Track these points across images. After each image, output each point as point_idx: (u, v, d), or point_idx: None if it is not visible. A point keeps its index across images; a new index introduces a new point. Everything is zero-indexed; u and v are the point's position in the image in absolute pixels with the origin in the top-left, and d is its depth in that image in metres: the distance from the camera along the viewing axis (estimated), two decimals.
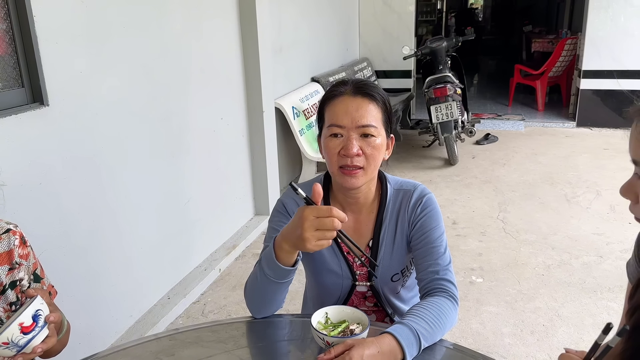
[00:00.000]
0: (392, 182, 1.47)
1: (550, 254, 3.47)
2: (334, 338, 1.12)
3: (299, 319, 1.35)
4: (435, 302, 1.28)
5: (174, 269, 3.08)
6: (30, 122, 2.04)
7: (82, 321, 2.22)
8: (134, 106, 2.63)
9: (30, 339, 1.03)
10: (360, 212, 1.45)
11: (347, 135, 1.31)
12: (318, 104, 1.42)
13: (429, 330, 1.19)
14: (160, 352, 1.23)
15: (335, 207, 1.42)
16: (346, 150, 1.30)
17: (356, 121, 1.30)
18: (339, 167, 1.33)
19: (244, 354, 1.22)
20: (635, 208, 0.93)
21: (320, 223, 1.11)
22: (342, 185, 1.36)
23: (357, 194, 1.40)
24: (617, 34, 6.20)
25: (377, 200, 1.46)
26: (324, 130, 1.36)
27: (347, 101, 1.32)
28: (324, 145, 1.35)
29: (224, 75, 3.51)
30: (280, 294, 1.30)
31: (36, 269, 1.28)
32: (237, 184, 3.80)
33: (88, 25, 2.31)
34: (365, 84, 1.36)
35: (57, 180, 2.18)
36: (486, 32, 15.78)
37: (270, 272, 1.24)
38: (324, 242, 1.13)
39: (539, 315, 2.82)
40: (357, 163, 1.31)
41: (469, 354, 1.22)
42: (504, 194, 4.54)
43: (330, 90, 1.38)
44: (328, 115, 1.35)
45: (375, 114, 1.32)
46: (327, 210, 1.12)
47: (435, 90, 5.14)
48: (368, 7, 6.71)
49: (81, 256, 2.33)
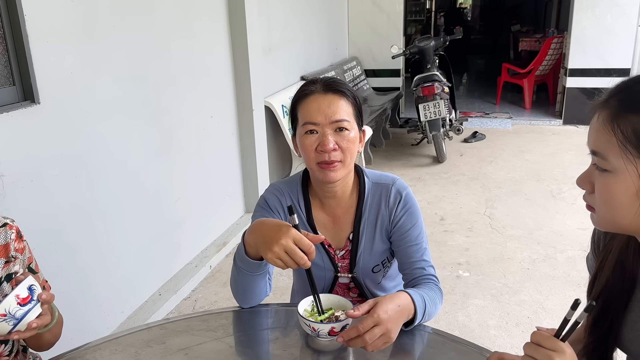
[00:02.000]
0: (370, 176, 1.51)
1: (536, 249, 3.53)
2: (320, 324, 1.17)
3: (284, 308, 1.39)
4: (431, 287, 1.38)
5: (164, 265, 3.12)
6: (21, 120, 2.07)
7: (74, 317, 2.25)
8: (124, 104, 2.66)
9: (26, 312, 1.05)
10: (339, 206, 1.50)
11: (322, 131, 1.35)
12: (291, 103, 1.46)
13: (430, 306, 1.28)
14: (151, 340, 1.26)
15: (315, 203, 1.48)
16: (323, 146, 1.34)
17: (330, 117, 1.35)
18: (317, 163, 1.37)
19: (232, 341, 1.26)
20: (589, 197, 0.98)
21: (293, 251, 1.12)
22: (322, 180, 1.40)
23: (335, 188, 1.44)
24: (603, 33, 6.30)
25: (355, 193, 1.50)
26: (299, 129, 1.40)
27: (319, 99, 1.36)
28: (301, 143, 1.39)
29: (214, 74, 3.55)
30: (257, 285, 1.33)
31: (31, 263, 1.31)
32: (227, 181, 3.84)
33: (79, 25, 2.34)
34: (334, 81, 1.41)
35: (49, 177, 2.21)
36: (475, 31, 15.89)
37: (242, 265, 1.29)
38: (280, 263, 1.14)
39: (524, 308, 2.89)
40: (335, 158, 1.35)
41: (449, 337, 1.27)
42: (491, 190, 4.61)
43: (301, 90, 1.41)
44: (301, 114, 1.39)
45: (346, 109, 1.37)
46: (307, 245, 1.13)
47: (423, 88, 5.20)
48: (357, 6, 6.76)
49: (72, 252, 2.36)
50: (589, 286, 1.16)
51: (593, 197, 0.95)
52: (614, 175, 0.89)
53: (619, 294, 1.07)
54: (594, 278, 1.14)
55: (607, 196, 0.91)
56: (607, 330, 1.09)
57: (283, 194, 1.50)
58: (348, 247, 1.50)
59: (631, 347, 1.07)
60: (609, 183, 0.90)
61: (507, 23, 11.95)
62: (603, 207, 0.93)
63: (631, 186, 0.88)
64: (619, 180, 0.89)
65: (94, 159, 2.46)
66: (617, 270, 1.07)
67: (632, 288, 1.06)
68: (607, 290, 1.09)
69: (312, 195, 1.51)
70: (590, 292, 1.16)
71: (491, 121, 6.98)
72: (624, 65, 6.32)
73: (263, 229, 1.18)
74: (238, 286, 1.35)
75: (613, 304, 1.08)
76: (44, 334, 1.22)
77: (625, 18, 6.20)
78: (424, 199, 4.48)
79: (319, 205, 1.51)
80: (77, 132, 2.36)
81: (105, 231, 2.57)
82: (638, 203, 0.89)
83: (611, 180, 0.90)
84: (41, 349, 1.34)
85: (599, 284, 1.12)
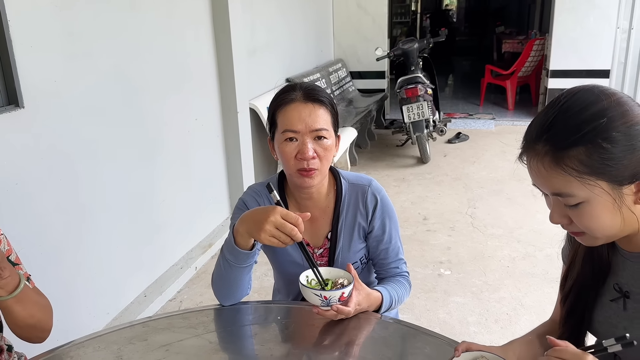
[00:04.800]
0: (346, 177, 1.58)
1: (516, 247, 3.61)
2: (331, 292, 1.24)
3: (263, 305, 1.44)
4: (401, 283, 1.58)
5: (150, 267, 3.15)
6: (5, 124, 2.09)
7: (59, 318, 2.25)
8: (108, 108, 2.69)
9: None
10: (316, 207, 1.55)
11: (302, 140, 1.40)
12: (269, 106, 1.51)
13: (395, 302, 1.50)
14: (134, 337, 1.30)
15: (291, 203, 1.54)
16: (302, 154, 1.39)
17: (310, 126, 1.40)
18: (297, 170, 1.42)
19: (212, 337, 1.30)
20: (570, 227, 1.02)
21: (282, 224, 1.20)
22: (300, 186, 1.47)
23: (310, 190, 1.50)
24: (583, 35, 6.42)
25: (332, 194, 1.56)
26: (278, 135, 1.44)
27: (300, 107, 1.41)
28: (280, 149, 1.44)
29: (198, 77, 3.58)
30: (242, 278, 1.38)
31: (10, 255, 1.34)
32: (212, 183, 3.87)
33: (62, 30, 2.37)
34: (313, 90, 1.45)
35: (33, 181, 2.24)
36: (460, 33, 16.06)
37: (230, 257, 1.34)
38: (275, 240, 1.22)
39: (503, 305, 2.96)
40: (313, 166, 1.41)
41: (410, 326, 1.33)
42: (473, 190, 4.69)
43: (282, 97, 1.45)
44: (281, 121, 1.43)
45: (325, 118, 1.43)
46: (294, 218, 1.21)
47: (407, 90, 5.28)
48: (342, 9, 6.83)
49: (57, 254, 2.39)
50: (563, 278, 1.23)
51: (574, 226, 1.00)
52: (587, 204, 0.95)
53: (590, 283, 1.13)
54: (568, 270, 1.21)
55: (593, 221, 0.96)
56: (580, 318, 1.16)
57: (260, 196, 1.56)
58: (326, 245, 1.56)
59: (600, 328, 1.13)
60: (587, 212, 0.96)
61: (492, 25, 12.09)
62: (593, 231, 0.98)
63: (607, 204, 0.94)
64: (593, 205, 0.95)
65: (77, 162, 2.49)
66: (587, 262, 1.14)
67: (605, 276, 1.12)
68: (580, 280, 1.16)
69: (288, 197, 1.57)
70: (563, 283, 1.22)
71: (475, 122, 7.07)
72: (604, 66, 6.45)
73: (252, 214, 1.27)
74: (223, 280, 1.40)
75: (586, 293, 1.14)
76: (13, 306, 1.23)
77: (604, 20, 6.33)
78: (407, 199, 4.55)
79: (295, 206, 1.56)
80: (61, 136, 2.38)
81: (89, 233, 2.60)
82: (618, 214, 0.95)
83: (587, 209, 0.95)
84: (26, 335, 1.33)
85: (572, 276, 1.18)
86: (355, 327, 1.33)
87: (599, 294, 1.13)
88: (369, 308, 1.39)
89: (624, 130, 0.91)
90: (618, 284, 1.09)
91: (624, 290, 1.08)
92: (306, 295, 1.28)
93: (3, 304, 1.22)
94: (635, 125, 0.92)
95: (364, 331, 1.35)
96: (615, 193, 0.93)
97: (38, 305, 1.32)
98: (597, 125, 0.91)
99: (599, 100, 0.93)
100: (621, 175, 0.92)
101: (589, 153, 0.91)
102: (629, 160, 0.91)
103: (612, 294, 1.10)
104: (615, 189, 0.93)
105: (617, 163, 0.91)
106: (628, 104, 0.94)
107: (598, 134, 0.91)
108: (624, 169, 0.92)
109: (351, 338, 1.32)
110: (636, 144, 0.91)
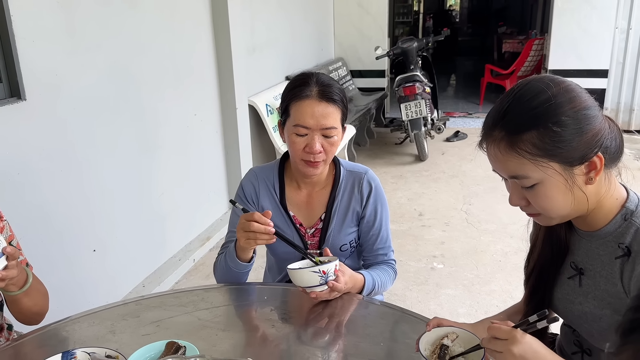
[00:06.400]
0: (344, 165, 1.68)
1: (509, 242, 3.67)
2: (327, 265, 1.34)
3: (252, 286, 1.51)
4: (385, 270, 1.67)
5: (148, 258, 3.22)
6: (8, 116, 2.17)
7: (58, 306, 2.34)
8: (108, 101, 2.76)
9: None
10: (314, 188, 1.65)
11: (312, 135, 1.49)
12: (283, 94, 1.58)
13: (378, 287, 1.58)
14: (126, 314, 1.38)
15: (291, 184, 1.64)
16: (310, 149, 1.49)
17: (321, 124, 1.49)
18: (302, 160, 1.52)
19: (201, 315, 1.37)
20: (527, 209, 1.09)
21: (247, 225, 1.36)
22: (303, 174, 1.57)
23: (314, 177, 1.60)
24: (581, 35, 6.45)
25: (330, 177, 1.65)
26: (289, 126, 1.52)
27: (314, 105, 1.49)
28: (290, 139, 1.53)
29: (198, 73, 3.65)
30: (242, 278, 1.53)
31: (12, 241, 1.41)
32: (211, 178, 3.94)
33: (64, 24, 2.44)
34: (328, 87, 1.51)
35: (35, 171, 2.31)
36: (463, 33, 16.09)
37: (231, 264, 1.49)
38: (252, 241, 1.38)
39: (494, 297, 3.02)
40: (319, 159, 1.51)
41: (395, 308, 1.40)
42: (469, 187, 4.75)
43: (297, 90, 1.51)
44: (294, 114, 1.51)
45: (336, 116, 1.52)
46: (257, 216, 1.36)
47: (405, 88, 5.34)
48: (342, 8, 6.89)
49: (58, 243, 2.46)
50: (526, 259, 1.30)
51: (531, 207, 1.08)
52: (542, 185, 1.02)
53: (550, 263, 1.20)
54: (530, 251, 1.28)
55: (547, 201, 1.04)
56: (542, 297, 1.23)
57: (257, 179, 1.66)
58: (318, 226, 1.65)
59: (559, 305, 1.20)
60: (542, 192, 1.03)
61: (494, 25, 12.14)
62: (547, 211, 1.06)
63: (559, 184, 1.02)
64: (547, 185, 1.02)
65: (78, 153, 2.56)
66: (547, 243, 1.21)
67: (563, 255, 1.19)
68: (541, 261, 1.23)
69: (288, 177, 1.66)
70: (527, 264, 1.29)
71: (474, 121, 7.13)
72: (602, 66, 6.49)
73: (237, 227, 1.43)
74: (224, 277, 1.56)
75: (546, 272, 1.21)
76: (22, 299, 1.31)
77: (603, 20, 6.36)
78: (404, 195, 4.61)
79: (295, 186, 1.66)
80: (62, 128, 2.46)
81: (90, 223, 2.67)
82: (570, 194, 1.02)
83: (542, 189, 1.03)
84: (26, 320, 1.42)
85: (534, 257, 1.25)
86: (342, 308, 1.41)
87: (559, 273, 1.19)
88: (352, 289, 1.47)
89: (572, 114, 0.98)
90: (574, 262, 1.16)
91: (579, 268, 1.14)
92: (301, 279, 1.34)
93: (12, 297, 1.30)
94: (583, 110, 0.99)
95: (350, 312, 1.42)
96: (566, 174, 1.00)
97: (40, 294, 1.41)
98: (548, 110, 0.98)
99: (549, 87, 1.01)
100: (571, 157, 0.99)
101: (541, 136, 0.98)
102: (578, 143, 0.99)
103: (569, 272, 1.17)
104: (567, 170, 1.00)
105: (567, 145, 0.98)
106: (576, 91, 1.01)
107: (548, 118, 0.98)
108: (573, 151, 0.99)
109: (339, 318, 1.39)
110: (584, 127, 0.99)
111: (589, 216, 1.08)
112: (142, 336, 1.26)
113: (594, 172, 1.01)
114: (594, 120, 1.00)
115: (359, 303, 1.45)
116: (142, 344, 1.19)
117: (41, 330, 1.33)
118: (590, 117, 1.00)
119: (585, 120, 0.99)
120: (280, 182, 1.64)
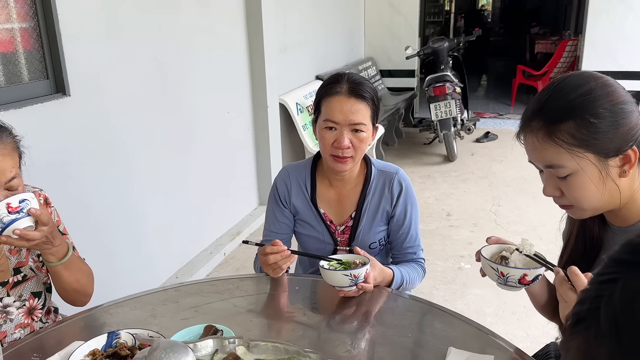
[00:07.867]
0: (376, 164, 1.72)
1: (538, 244, 3.59)
2: (359, 269, 1.37)
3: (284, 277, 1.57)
4: (415, 267, 1.70)
5: (182, 251, 3.32)
6: (54, 111, 2.28)
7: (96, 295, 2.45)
8: (146, 98, 2.86)
9: (13, 220, 1.19)
10: (345, 186, 1.70)
11: (340, 130, 1.55)
12: (316, 92, 1.66)
13: (407, 282, 1.62)
14: (166, 299, 1.45)
15: (323, 181, 1.70)
16: (339, 143, 1.54)
17: (349, 120, 1.54)
18: (331, 155, 1.57)
19: (237, 302, 1.44)
20: (560, 200, 1.13)
21: (265, 260, 1.47)
22: (333, 169, 1.62)
23: (343, 173, 1.64)
24: (616, 36, 6.35)
25: (361, 176, 1.70)
26: (320, 122, 1.59)
27: (343, 101, 1.54)
28: (320, 134, 1.59)
29: (231, 72, 3.74)
30: None
31: (59, 225, 1.50)
32: (242, 174, 4.03)
33: (107, 24, 2.55)
34: (359, 84, 1.57)
35: (77, 164, 2.42)
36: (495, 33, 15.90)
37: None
38: (278, 270, 1.50)
39: (521, 298, 2.99)
40: (347, 154, 1.56)
41: (423, 302, 1.44)
42: (498, 188, 4.73)
43: (328, 88, 1.59)
44: (325, 110, 1.57)
45: (364, 113, 1.56)
46: (262, 250, 1.49)
47: (435, 88, 5.34)
48: (373, 8, 6.91)
49: (96, 233, 2.57)
50: (560, 255, 1.33)
51: (565, 198, 1.11)
52: (576, 175, 1.06)
53: (582, 259, 1.23)
54: (564, 247, 1.31)
55: (581, 192, 1.07)
56: None
57: (289, 178, 1.72)
58: (349, 224, 1.69)
59: None
60: (576, 182, 1.07)
61: (527, 25, 11.99)
62: (580, 201, 1.09)
63: (593, 174, 1.05)
64: (582, 176, 1.06)
65: (117, 148, 2.67)
66: (580, 238, 1.24)
67: (596, 251, 1.21)
68: (573, 256, 1.26)
69: (320, 175, 1.71)
70: (560, 260, 1.32)
71: (504, 122, 7.07)
72: (636, 68, 6.37)
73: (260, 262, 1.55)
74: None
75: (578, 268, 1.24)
76: (62, 272, 1.39)
77: (638, 21, 6.25)
78: (432, 195, 4.62)
79: (326, 184, 1.71)
80: (103, 123, 2.56)
81: (127, 216, 2.78)
82: (603, 184, 1.06)
83: (576, 179, 1.06)
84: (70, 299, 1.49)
85: (566, 254, 1.28)
86: (371, 300, 1.45)
87: (591, 269, 1.22)
88: (381, 283, 1.52)
89: (609, 107, 1.02)
90: None
91: None
92: (333, 279, 1.39)
93: (53, 269, 1.39)
94: (620, 104, 1.02)
95: (379, 304, 1.47)
96: (601, 165, 1.04)
97: (82, 272, 1.48)
98: (586, 102, 1.02)
99: (588, 81, 1.04)
100: (607, 148, 1.03)
101: (578, 127, 1.02)
102: (614, 135, 1.02)
103: None
104: (602, 161, 1.04)
105: (603, 137, 1.02)
106: (613, 86, 1.05)
107: (586, 110, 1.02)
108: (609, 143, 1.02)
109: (368, 309, 1.43)
110: (620, 121, 1.02)
111: (622, 211, 1.11)
112: (182, 320, 1.33)
113: (628, 166, 1.05)
114: (630, 114, 1.03)
115: (387, 296, 1.49)
116: (182, 328, 1.26)
117: (85, 313, 1.42)
118: (626, 112, 1.03)
119: (622, 114, 1.02)
120: (312, 180, 1.69)
